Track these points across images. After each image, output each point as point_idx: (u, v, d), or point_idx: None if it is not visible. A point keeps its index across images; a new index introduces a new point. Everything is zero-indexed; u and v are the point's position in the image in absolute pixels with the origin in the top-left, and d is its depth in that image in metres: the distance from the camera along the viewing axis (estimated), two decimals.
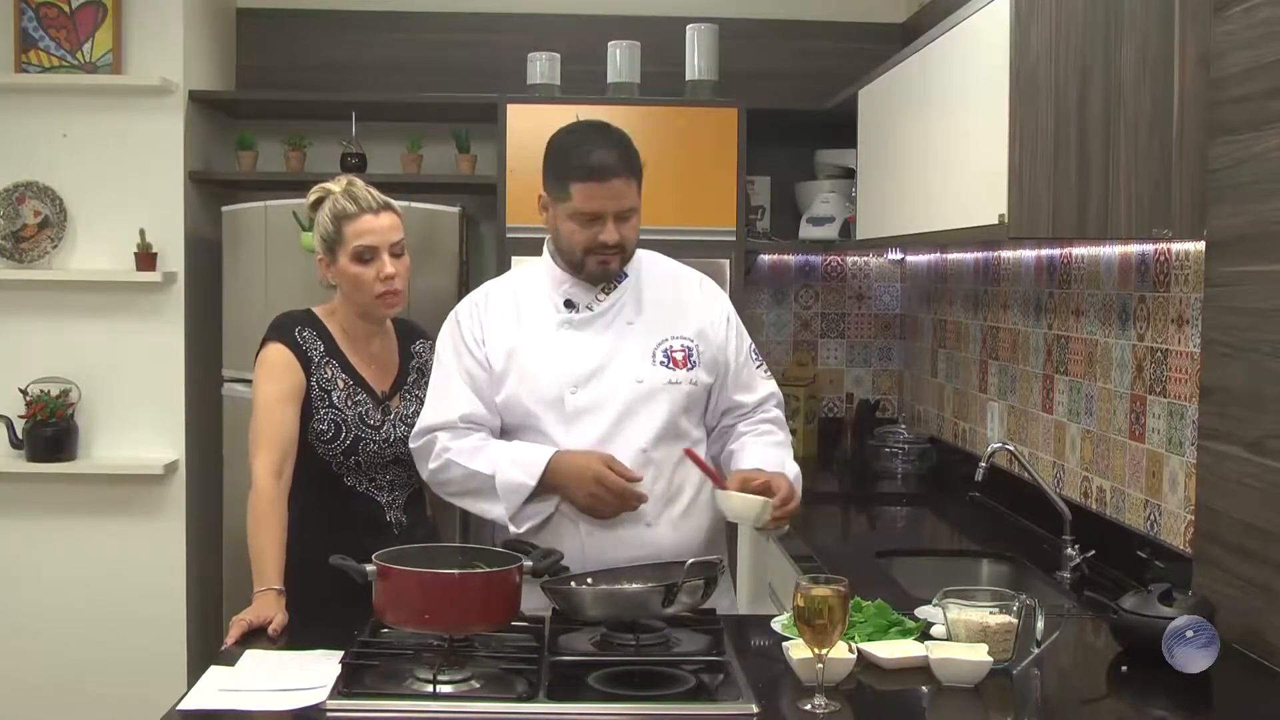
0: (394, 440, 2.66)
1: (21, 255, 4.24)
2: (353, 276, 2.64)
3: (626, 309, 2.61)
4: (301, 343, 2.65)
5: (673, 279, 2.70)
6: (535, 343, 2.59)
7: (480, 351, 2.60)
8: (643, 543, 2.50)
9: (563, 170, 2.53)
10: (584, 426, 2.54)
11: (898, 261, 4.88)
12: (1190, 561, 2.58)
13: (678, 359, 2.59)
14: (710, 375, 2.63)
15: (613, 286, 2.62)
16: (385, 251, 2.64)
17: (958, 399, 4.18)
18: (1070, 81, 2.63)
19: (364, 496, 2.66)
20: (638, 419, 2.55)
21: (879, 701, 2.08)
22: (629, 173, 2.52)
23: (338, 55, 4.70)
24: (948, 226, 3.09)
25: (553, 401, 2.55)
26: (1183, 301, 2.70)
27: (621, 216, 2.53)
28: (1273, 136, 2.31)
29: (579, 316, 2.59)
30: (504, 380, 2.58)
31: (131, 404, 4.27)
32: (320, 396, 2.62)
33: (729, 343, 2.67)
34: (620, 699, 1.99)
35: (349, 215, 2.64)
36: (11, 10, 4.21)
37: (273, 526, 2.48)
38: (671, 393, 2.57)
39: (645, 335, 2.59)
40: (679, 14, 4.44)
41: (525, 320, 2.62)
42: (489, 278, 4.61)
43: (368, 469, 2.65)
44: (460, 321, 2.65)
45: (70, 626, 4.26)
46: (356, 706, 1.96)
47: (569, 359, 2.56)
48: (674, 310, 2.64)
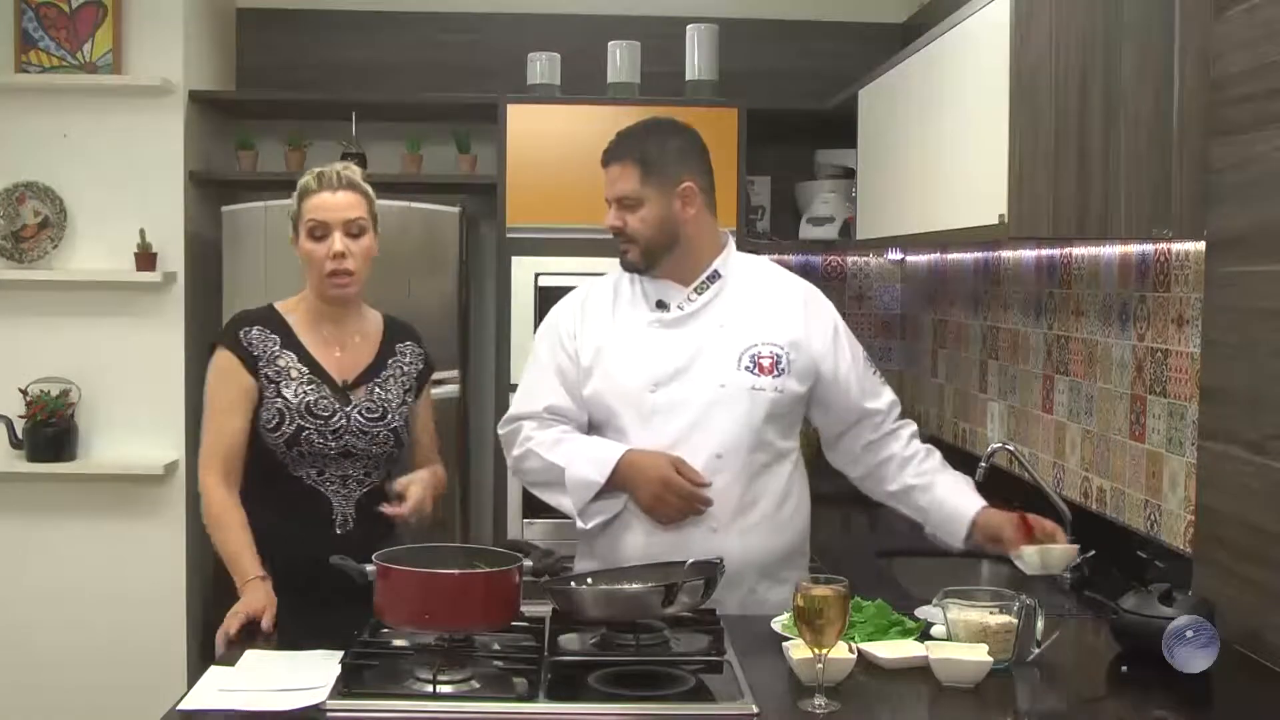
0: (344, 432, 2.59)
1: (21, 255, 4.24)
2: (305, 253, 2.63)
3: (718, 311, 2.60)
4: (247, 344, 2.61)
5: (773, 285, 2.67)
6: (624, 340, 2.60)
7: (571, 345, 2.62)
8: (707, 549, 2.45)
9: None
10: (660, 426, 2.54)
11: (898, 261, 4.88)
12: (1190, 561, 2.58)
13: (764, 365, 2.56)
14: (802, 385, 2.60)
15: (706, 287, 2.61)
16: (338, 229, 2.59)
17: (958, 399, 4.18)
18: (1070, 81, 2.62)
19: (311, 489, 2.60)
20: (715, 423, 2.53)
21: (879, 701, 2.08)
22: (627, 159, 2.54)
23: (338, 55, 4.70)
24: (948, 226, 3.09)
25: (633, 399, 2.56)
26: (1183, 301, 2.70)
27: (623, 204, 2.55)
28: (1273, 136, 2.31)
29: (669, 316, 2.60)
30: (591, 375, 2.60)
31: (131, 404, 4.26)
32: (270, 388, 2.59)
33: (837, 353, 2.63)
34: (620, 699, 1.99)
35: (308, 191, 2.62)
36: (11, 10, 4.21)
37: (234, 524, 2.52)
38: (754, 399, 2.55)
39: (734, 339, 2.57)
40: (679, 14, 4.44)
41: (619, 317, 2.63)
42: (489, 278, 4.67)
43: (314, 460, 2.59)
44: (559, 316, 2.68)
45: (70, 626, 4.25)
46: (356, 706, 1.95)
47: (653, 358, 2.56)
48: (768, 316, 2.61)
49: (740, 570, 2.51)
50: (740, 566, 2.51)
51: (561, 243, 4.11)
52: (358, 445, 2.60)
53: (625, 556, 2.53)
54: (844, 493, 4.02)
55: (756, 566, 2.57)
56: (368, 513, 2.62)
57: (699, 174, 2.58)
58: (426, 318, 4.12)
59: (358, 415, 2.61)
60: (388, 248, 4.11)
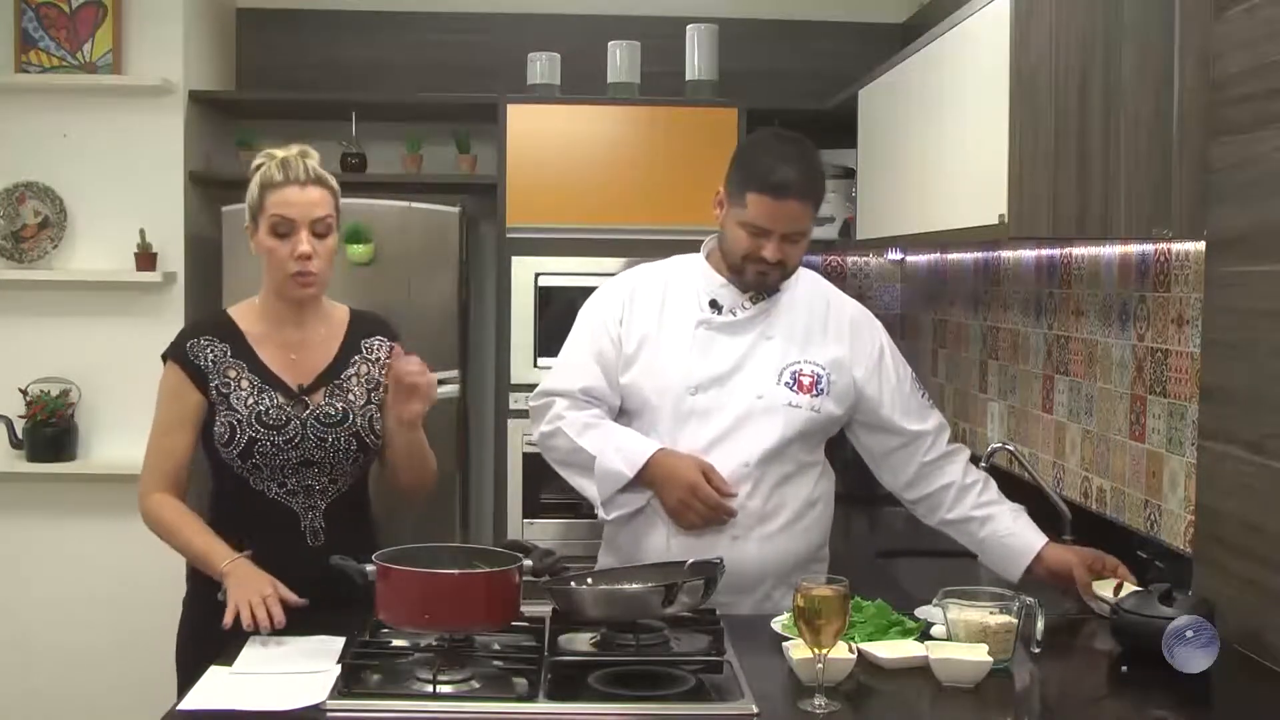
0: (300, 440, 2.45)
1: (21, 255, 4.24)
2: (267, 250, 2.46)
3: (768, 323, 2.60)
4: (194, 356, 2.48)
5: (825, 304, 2.67)
6: (670, 336, 2.59)
7: (615, 330, 2.60)
8: (727, 556, 2.41)
9: (745, 177, 2.52)
10: (694, 429, 2.54)
11: (898, 261, 4.88)
12: (1190, 561, 2.58)
13: (804, 384, 2.57)
14: (840, 408, 2.61)
15: (761, 297, 2.60)
16: (304, 228, 2.43)
17: (958, 399, 4.18)
18: (1070, 81, 2.62)
19: (275, 503, 2.47)
20: (748, 433, 2.54)
21: (879, 701, 2.08)
22: (808, 197, 2.51)
23: (338, 55, 4.70)
24: (948, 226, 3.09)
25: (671, 398, 2.55)
26: (1183, 301, 2.70)
27: (790, 238, 2.51)
28: (1273, 136, 2.31)
29: (720, 319, 2.59)
30: (632, 365, 2.59)
31: (131, 404, 4.24)
32: (220, 401, 2.47)
33: (881, 375, 2.64)
34: (620, 699, 1.99)
35: (273, 184, 2.44)
36: (11, 10, 4.21)
37: (185, 525, 2.42)
38: (789, 415, 2.55)
39: (779, 353, 2.58)
40: (679, 14, 4.44)
41: (668, 311, 2.61)
42: (489, 278, 4.66)
43: (272, 472, 2.46)
44: (607, 298, 2.66)
45: (70, 626, 4.26)
46: (356, 706, 1.95)
47: (697, 360, 2.56)
48: (816, 335, 2.61)
49: (758, 576, 2.54)
50: (758, 572, 2.53)
51: (561, 243, 4.11)
52: (317, 454, 2.47)
53: (646, 555, 2.54)
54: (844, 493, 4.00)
55: (774, 573, 2.58)
56: (340, 522, 2.52)
57: None
58: (426, 318, 4.16)
59: (314, 421, 2.47)
60: (388, 248, 4.16)
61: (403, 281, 4.17)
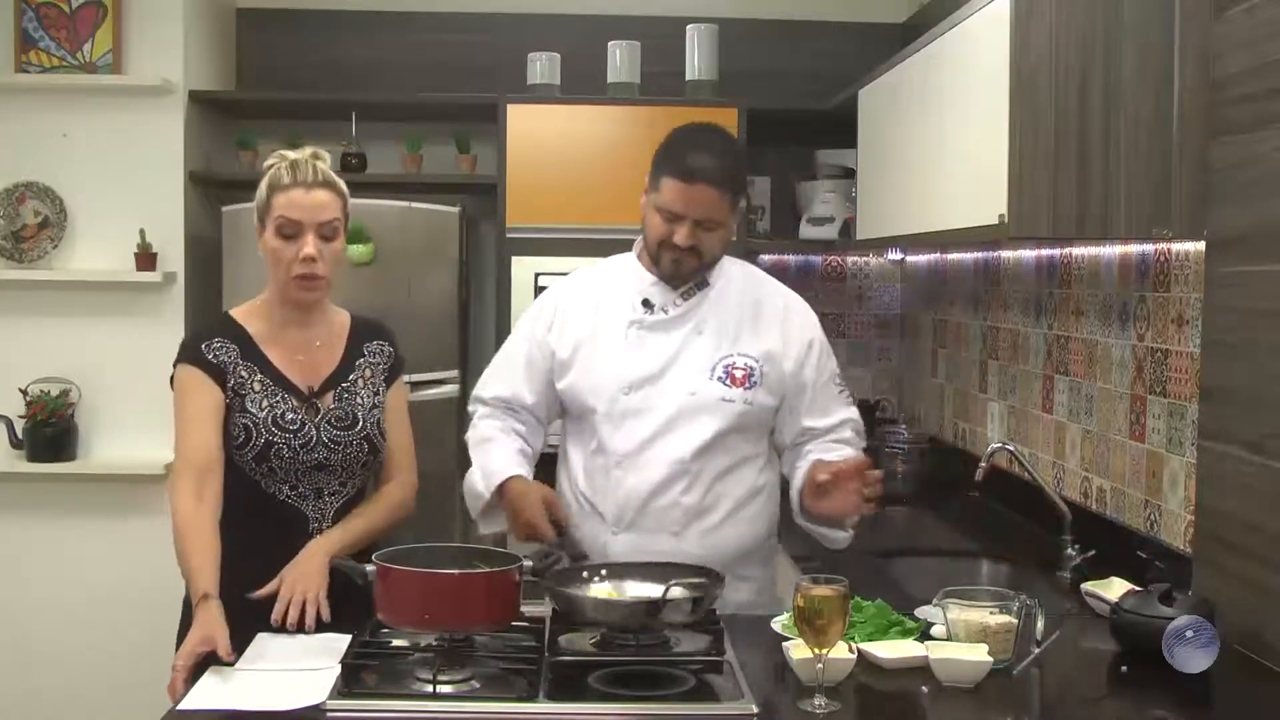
0: (315, 443, 2.44)
1: (21, 255, 4.24)
2: (272, 251, 2.44)
3: (699, 319, 2.60)
4: (210, 356, 2.45)
5: (757, 295, 2.66)
6: (605, 338, 2.61)
7: (545, 339, 2.64)
8: (669, 552, 2.48)
9: (661, 162, 2.55)
10: (630, 429, 2.56)
11: (898, 261, 4.88)
12: (1190, 561, 2.58)
13: (737, 377, 2.57)
14: (773, 398, 2.61)
15: (692, 293, 2.61)
16: (310, 230, 2.41)
17: (958, 399, 4.18)
18: (1070, 81, 2.62)
19: (286, 505, 2.45)
20: (683, 430, 2.55)
21: (879, 701, 2.08)
22: (720, 184, 2.50)
23: (338, 55, 4.70)
24: (948, 226, 3.09)
25: (606, 399, 2.57)
26: (1183, 301, 2.70)
27: (704, 224, 2.51)
28: (1273, 136, 2.31)
29: (651, 318, 2.60)
30: (568, 370, 2.62)
31: (131, 404, 4.26)
32: (235, 402, 2.44)
33: (806, 367, 2.63)
34: (620, 699, 1.99)
35: (281, 185, 2.43)
36: (11, 10, 4.21)
37: (198, 536, 2.29)
38: (723, 410, 2.56)
39: (710, 348, 2.58)
40: (679, 14, 4.44)
41: (602, 314, 2.63)
42: (489, 278, 4.66)
43: (285, 475, 2.44)
44: (539, 307, 2.70)
45: (70, 626, 4.26)
46: (356, 706, 1.95)
47: (630, 360, 2.58)
48: (747, 328, 2.61)
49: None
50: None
51: (561, 242, 4.11)
52: (330, 458, 2.46)
53: (592, 552, 2.55)
54: None
55: (719, 565, 2.56)
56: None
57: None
58: (426, 318, 4.16)
59: (327, 425, 2.47)
60: (388, 248, 4.16)
61: (403, 281, 4.17)
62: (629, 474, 2.56)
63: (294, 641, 2.21)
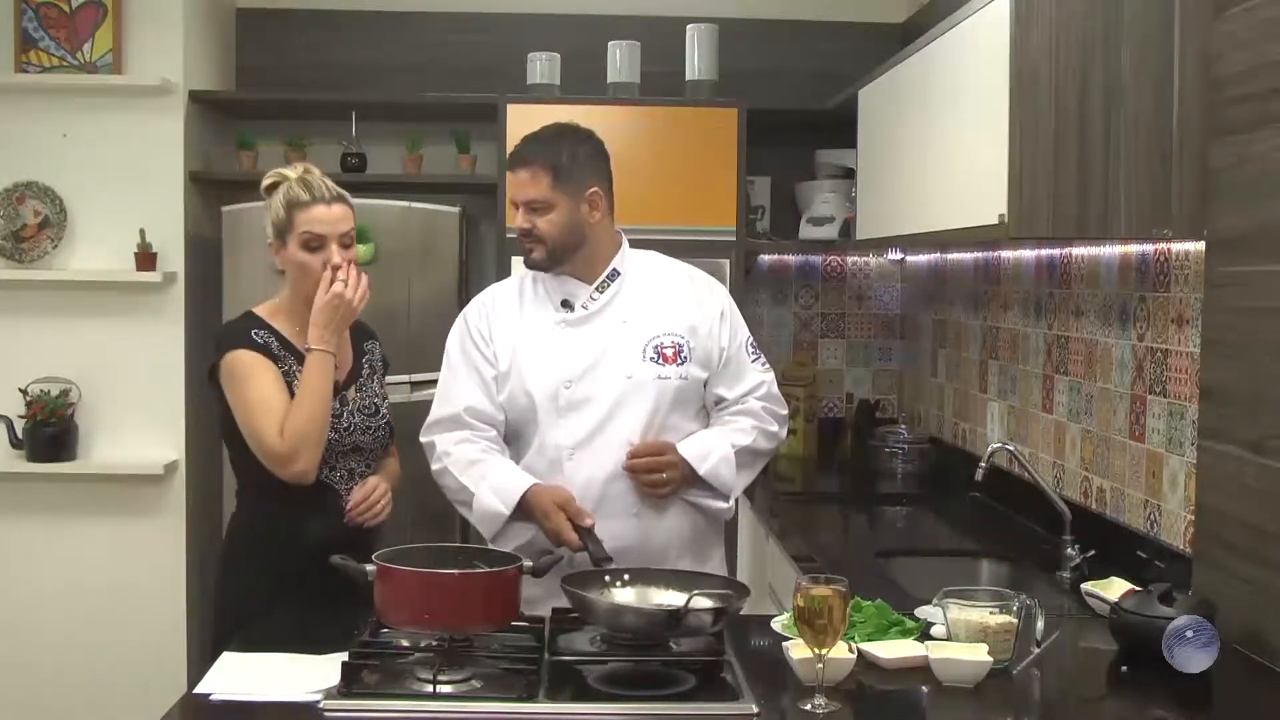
0: (352, 429, 2.69)
1: (21, 255, 4.24)
2: (300, 264, 2.66)
3: (620, 307, 2.68)
4: (262, 342, 2.65)
5: (667, 276, 2.76)
6: (535, 341, 2.67)
7: (488, 349, 2.69)
8: (632, 533, 2.59)
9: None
10: (574, 421, 2.62)
11: (898, 261, 4.88)
12: (1190, 561, 2.58)
13: (668, 355, 2.66)
14: (704, 369, 2.69)
15: (606, 286, 2.70)
16: (334, 241, 2.65)
17: (958, 399, 4.18)
18: (1070, 81, 2.62)
19: (322, 484, 2.65)
20: (626, 413, 2.62)
21: (879, 701, 2.08)
22: (538, 165, 2.61)
23: (338, 55, 4.70)
24: (948, 226, 3.09)
25: (547, 396, 2.63)
26: (1183, 301, 2.70)
27: (531, 206, 2.63)
28: (1273, 136, 2.31)
29: (575, 315, 2.68)
30: (508, 378, 2.67)
31: (131, 404, 4.27)
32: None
33: (719, 337, 2.71)
34: (620, 699, 1.99)
35: (301, 203, 2.64)
36: (11, 10, 4.21)
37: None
38: (660, 387, 2.64)
39: (637, 332, 2.66)
40: (679, 14, 4.44)
41: (527, 319, 2.71)
42: (489, 278, 4.65)
43: (327, 458, 2.64)
44: (469, 321, 2.75)
45: (70, 626, 4.26)
46: (356, 706, 1.95)
47: (565, 356, 2.64)
48: (666, 307, 2.69)
49: (664, 545, 2.63)
50: (663, 542, 2.63)
51: None
52: (363, 441, 2.71)
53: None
54: (844, 493, 4.00)
55: (678, 544, 2.66)
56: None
57: (604, 179, 2.68)
58: (426, 318, 4.16)
59: (358, 413, 2.71)
60: (388, 248, 4.16)
61: (403, 281, 4.17)
62: (582, 464, 2.61)
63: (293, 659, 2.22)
